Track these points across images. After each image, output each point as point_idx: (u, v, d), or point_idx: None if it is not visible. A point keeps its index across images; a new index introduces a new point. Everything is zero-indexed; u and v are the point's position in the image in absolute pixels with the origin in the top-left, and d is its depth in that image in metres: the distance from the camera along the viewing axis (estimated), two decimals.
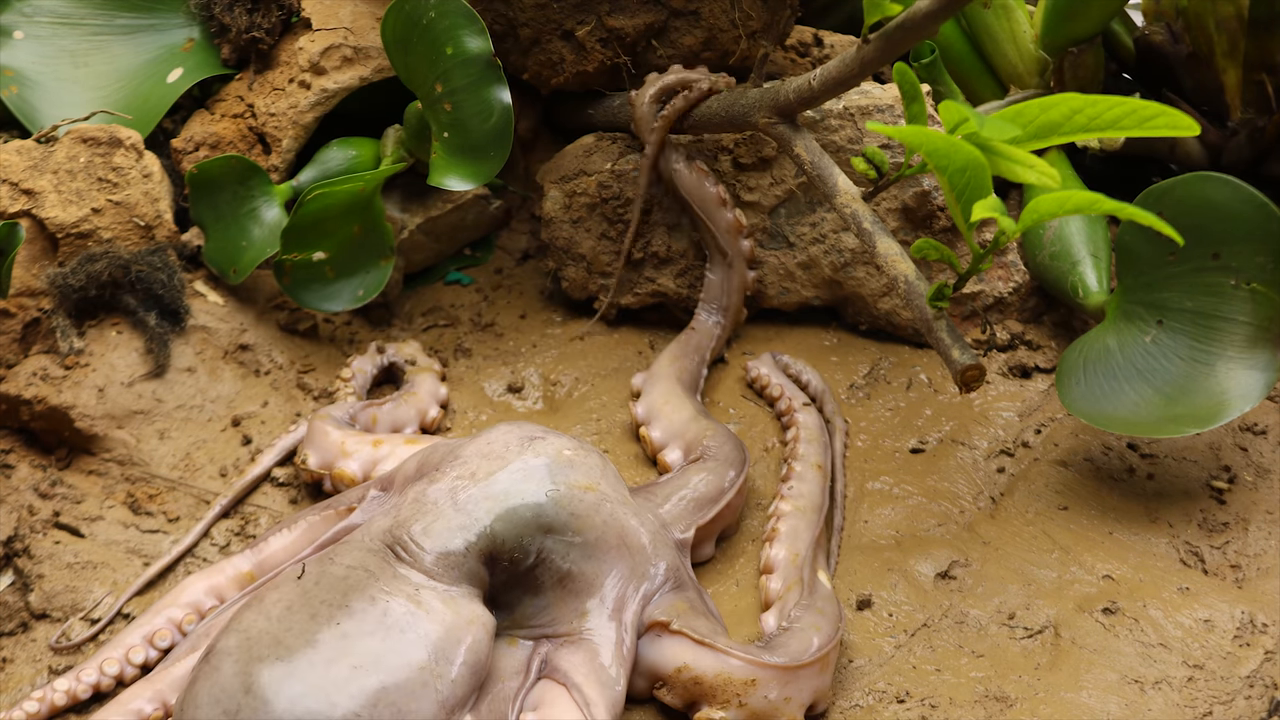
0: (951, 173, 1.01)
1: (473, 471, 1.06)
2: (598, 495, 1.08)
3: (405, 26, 1.30)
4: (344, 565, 1.00)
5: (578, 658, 1.03)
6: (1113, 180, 1.52)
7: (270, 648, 0.94)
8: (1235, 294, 1.20)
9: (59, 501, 1.23)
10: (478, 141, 1.30)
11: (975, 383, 1.05)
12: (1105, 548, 1.20)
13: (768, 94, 1.24)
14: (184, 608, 1.11)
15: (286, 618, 0.96)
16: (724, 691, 1.03)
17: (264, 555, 1.15)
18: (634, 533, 1.09)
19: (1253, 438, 1.28)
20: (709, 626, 1.07)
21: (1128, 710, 1.05)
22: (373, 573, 1.00)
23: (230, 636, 0.97)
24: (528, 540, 1.04)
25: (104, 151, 1.32)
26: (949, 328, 1.07)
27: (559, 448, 1.09)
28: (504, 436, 1.10)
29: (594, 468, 1.10)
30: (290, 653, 0.94)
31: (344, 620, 0.96)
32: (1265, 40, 1.40)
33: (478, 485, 1.05)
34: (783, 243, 1.41)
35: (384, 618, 0.96)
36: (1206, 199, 1.19)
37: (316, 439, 1.24)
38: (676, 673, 1.04)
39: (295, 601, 0.98)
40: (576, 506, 1.06)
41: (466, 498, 1.04)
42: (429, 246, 1.50)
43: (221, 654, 0.95)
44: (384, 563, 1.01)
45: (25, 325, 1.29)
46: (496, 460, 1.07)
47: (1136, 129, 0.98)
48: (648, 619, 1.07)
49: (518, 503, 1.04)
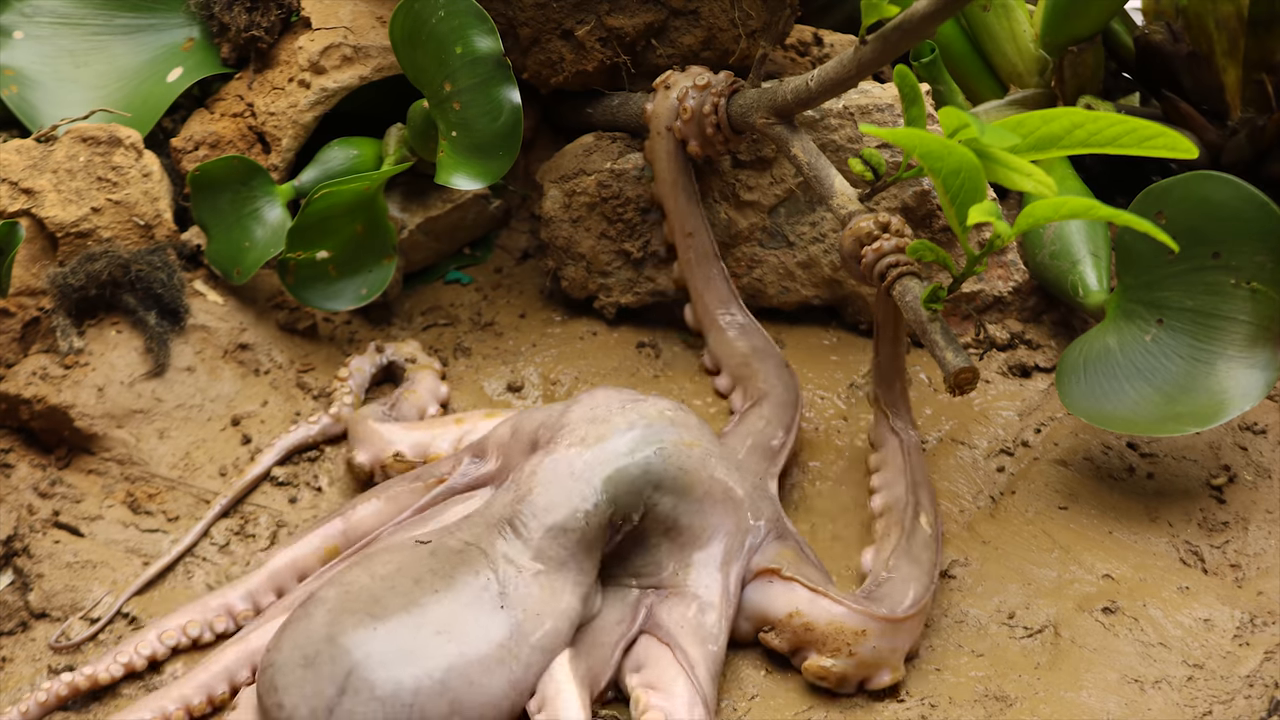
0: (945, 175, 1.01)
1: (582, 437, 1.09)
2: (702, 450, 1.11)
3: (414, 25, 1.30)
4: (460, 539, 1.05)
5: (682, 614, 1.06)
6: (1113, 179, 1.52)
7: (366, 603, 0.99)
8: (1235, 293, 1.20)
9: (59, 501, 1.23)
10: (486, 141, 1.30)
11: (968, 386, 1.06)
12: (1105, 547, 1.20)
13: (765, 94, 1.24)
14: (265, 585, 1.14)
15: (391, 578, 1.01)
16: (835, 640, 1.07)
17: (352, 524, 1.17)
18: (737, 486, 1.12)
19: (1253, 437, 1.28)
20: (819, 575, 1.11)
21: (1128, 710, 1.05)
22: (484, 550, 1.04)
23: (331, 588, 1.01)
24: (641, 497, 1.08)
25: (103, 151, 1.32)
26: (943, 329, 1.07)
27: (660, 409, 1.13)
28: (606, 401, 1.13)
29: (694, 425, 1.14)
30: (383, 610, 0.98)
31: (443, 590, 1.00)
32: (1265, 39, 1.40)
33: (590, 450, 1.08)
34: (782, 242, 1.41)
35: (481, 593, 1.00)
36: (1207, 198, 1.19)
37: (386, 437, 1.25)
38: (788, 618, 1.08)
39: (405, 565, 1.02)
40: (684, 462, 1.09)
41: (583, 465, 1.07)
42: (429, 246, 1.50)
43: (317, 601, 1.00)
44: (498, 538, 1.04)
45: (25, 324, 1.29)
46: (603, 424, 1.10)
47: (1135, 148, 1.00)
48: (755, 567, 1.11)
49: (628, 463, 1.07)
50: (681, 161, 1.34)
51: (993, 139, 1.00)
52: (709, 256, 1.36)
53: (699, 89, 1.29)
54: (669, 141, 1.33)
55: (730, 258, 1.42)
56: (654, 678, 1.02)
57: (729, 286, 1.36)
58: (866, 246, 1.12)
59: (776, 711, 1.07)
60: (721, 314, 1.35)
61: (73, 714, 1.07)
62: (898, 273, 1.10)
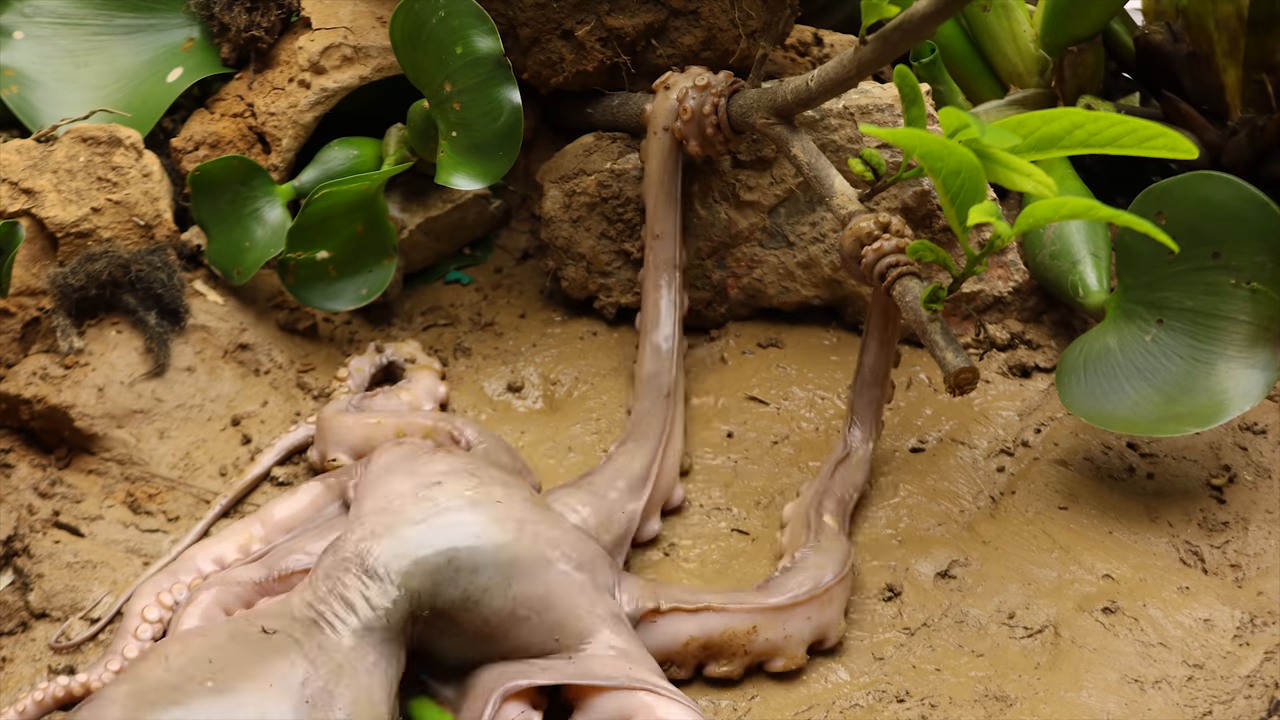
0: (945, 175, 1.01)
1: (372, 530, 1.03)
2: (516, 521, 1.05)
3: (414, 25, 1.30)
4: (262, 626, 0.98)
5: (618, 662, 1.01)
6: (1113, 179, 1.52)
7: (166, 693, 0.91)
8: (1235, 293, 1.19)
9: (59, 501, 1.23)
10: (486, 141, 1.30)
11: (968, 385, 1.06)
12: (1105, 547, 1.20)
13: (765, 94, 1.24)
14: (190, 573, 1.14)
15: (189, 669, 0.93)
16: (731, 645, 1.07)
17: (271, 522, 1.16)
18: (570, 544, 1.07)
19: (1253, 437, 1.28)
20: (686, 592, 1.09)
21: (1128, 710, 1.05)
22: (298, 640, 0.97)
23: (122, 684, 0.93)
24: (457, 584, 1.01)
25: (104, 151, 1.32)
26: (943, 329, 1.07)
27: (458, 490, 1.06)
28: (400, 485, 1.07)
29: (499, 497, 1.07)
30: (189, 700, 0.90)
31: (256, 678, 0.93)
32: (1265, 39, 1.40)
33: (381, 545, 1.01)
34: (782, 242, 1.41)
35: (301, 689, 0.93)
36: (1207, 198, 1.19)
37: (339, 435, 1.24)
38: (684, 647, 1.07)
39: (203, 654, 0.94)
40: (497, 538, 1.03)
41: (374, 561, 1.00)
42: (429, 246, 1.50)
43: (107, 699, 0.91)
44: (309, 632, 0.98)
45: (25, 324, 1.29)
46: (395, 515, 1.04)
47: (1136, 148, 0.99)
48: (635, 614, 1.08)
49: (428, 552, 1.01)
50: (672, 164, 1.34)
51: (993, 139, 1.00)
52: (669, 264, 1.33)
53: (699, 89, 1.29)
54: (664, 142, 1.33)
55: (730, 258, 1.42)
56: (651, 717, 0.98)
57: (670, 301, 1.32)
58: (866, 246, 1.12)
59: (776, 711, 1.07)
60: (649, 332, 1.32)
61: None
62: (898, 273, 1.10)
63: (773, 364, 1.40)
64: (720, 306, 1.45)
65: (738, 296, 1.44)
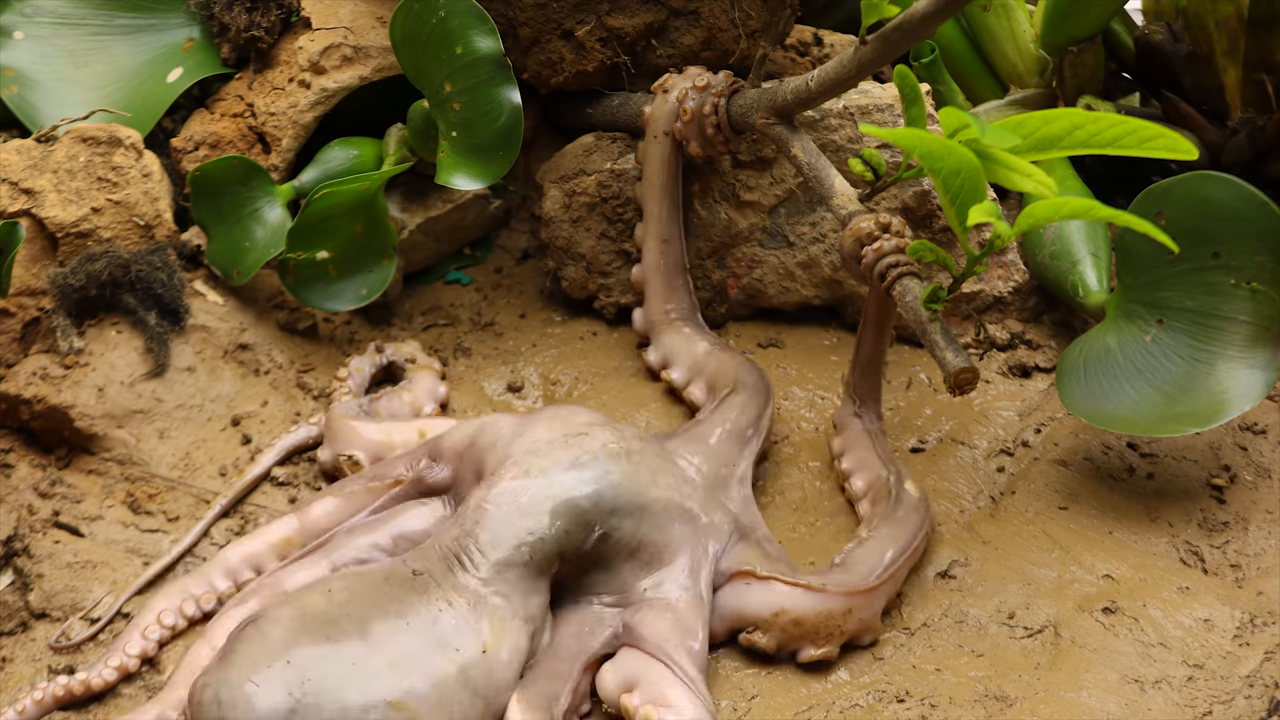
0: (945, 175, 1.01)
1: (526, 469, 1.09)
2: (649, 472, 1.12)
3: (414, 25, 1.30)
4: (411, 568, 1.05)
5: (663, 625, 1.06)
6: (1113, 178, 1.52)
7: (322, 626, 0.98)
8: (1236, 293, 1.19)
9: (59, 501, 1.23)
10: (486, 141, 1.30)
11: (968, 385, 1.06)
12: (1105, 547, 1.20)
13: (765, 94, 1.24)
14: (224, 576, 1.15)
15: (347, 604, 1.00)
16: (826, 627, 1.09)
17: (308, 521, 1.17)
18: (692, 496, 1.13)
19: (1253, 437, 1.28)
20: (787, 569, 1.11)
21: (1128, 710, 1.05)
22: (436, 580, 1.04)
23: (286, 607, 1.00)
24: (592, 525, 1.08)
25: (104, 151, 1.32)
26: (943, 329, 1.07)
27: (603, 440, 1.12)
28: (548, 432, 1.13)
29: (637, 449, 1.13)
30: (340, 634, 0.98)
31: (395, 619, 1.00)
32: (1265, 39, 1.40)
33: (534, 483, 1.08)
34: (782, 242, 1.41)
35: (433, 625, 1.01)
36: (1207, 198, 1.19)
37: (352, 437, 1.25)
38: (774, 617, 1.09)
39: (359, 591, 1.02)
40: (632, 485, 1.10)
41: (528, 499, 1.07)
42: (429, 246, 1.50)
43: (273, 620, 0.99)
44: (448, 571, 1.05)
45: (25, 325, 1.29)
46: (545, 457, 1.10)
47: (1136, 149, 1.00)
48: (727, 570, 1.11)
49: (576, 493, 1.08)
50: (673, 168, 1.34)
51: (993, 139, 1.00)
52: (679, 268, 1.38)
53: (699, 90, 1.29)
54: (664, 146, 1.33)
55: (730, 258, 1.42)
56: (655, 694, 1.01)
57: (692, 299, 1.39)
58: (867, 247, 1.12)
59: (776, 711, 1.07)
60: (682, 320, 1.37)
61: (73, 714, 1.07)
62: (898, 273, 1.11)
63: (773, 364, 1.40)
64: (720, 306, 1.45)
65: (738, 296, 1.44)
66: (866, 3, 1.08)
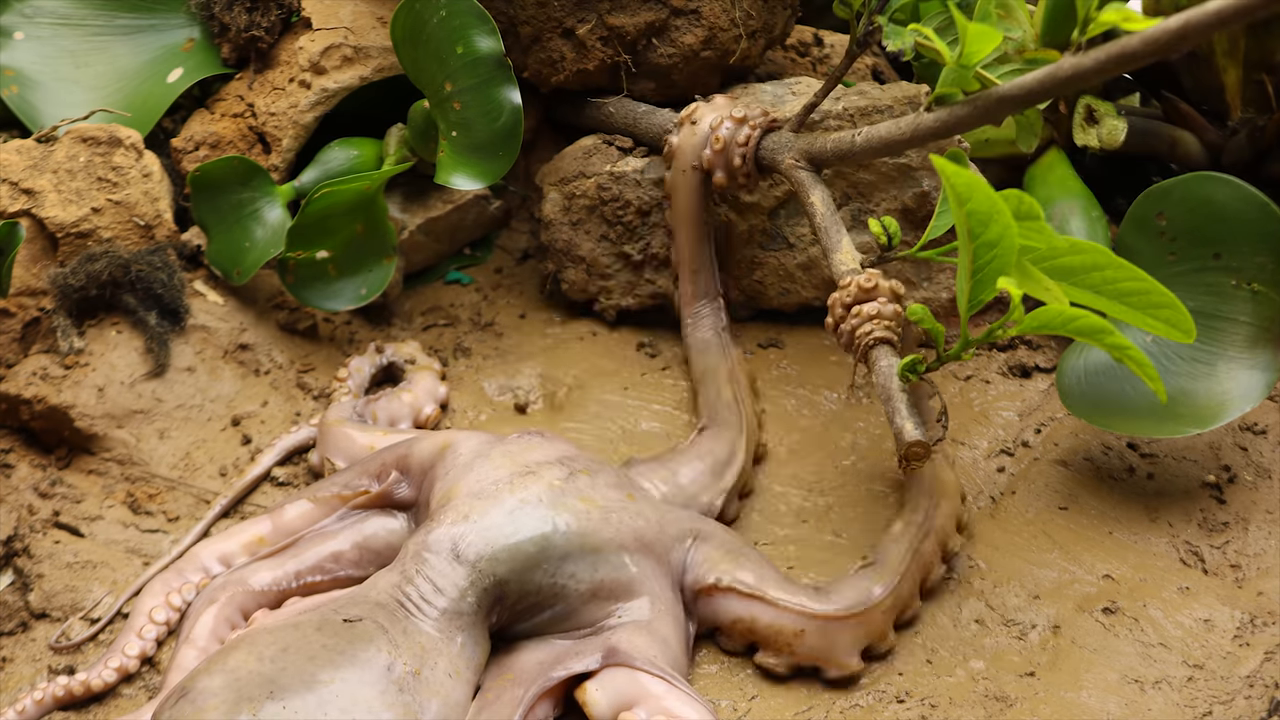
0: (979, 244, 0.96)
1: (465, 514, 1.06)
2: (600, 512, 1.09)
3: (415, 25, 1.30)
4: (343, 617, 1.00)
5: (645, 641, 1.05)
6: (1113, 180, 1.52)
7: (261, 688, 0.93)
8: (1236, 294, 1.20)
9: (59, 501, 1.23)
10: (486, 141, 1.30)
11: (917, 461, 1.04)
12: (1105, 548, 1.20)
13: (804, 139, 1.24)
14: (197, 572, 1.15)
15: (280, 659, 0.95)
16: (776, 640, 1.09)
17: (280, 522, 1.17)
18: (647, 526, 1.11)
19: (1253, 437, 1.28)
20: (754, 572, 1.10)
21: (1128, 710, 1.05)
22: (383, 627, 0.99)
23: (216, 675, 0.94)
24: (544, 571, 1.05)
25: (104, 151, 1.32)
26: (909, 402, 1.05)
27: (550, 480, 1.09)
28: (495, 470, 1.10)
29: (586, 487, 1.10)
30: (284, 692, 0.93)
31: (348, 668, 0.95)
32: (1265, 39, 1.40)
33: (471, 528, 1.05)
34: (782, 244, 1.41)
35: (387, 673, 0.96)
36: (1207, 199, 1.19)
37: (340, 444, 1.24)
38: (732, 625, 1.10)
39: (292, 644, 0.97)
40: (580, 528, 1.07)
41: (466, 546, 1.04)
42: (429, 246, 1.50)
43: (206, 694, 0.93)
44: (394, 617, 1.01)
45: (25, 325, 1.29)
46: (486, 499, 1.07)
47: (1140, 312, 1.00)
48: (695, 585, 1.11)
49: (516, 539, 1.05)
50: (702, 199, 1.34)
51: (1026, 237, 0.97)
52: (710, 293, 1.37)
53: (735, 121, 1.29)
54: (692, 179, 1.32)
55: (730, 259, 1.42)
56: (660, 708, 1.00)
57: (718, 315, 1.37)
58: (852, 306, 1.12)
59: (776, 711, 1.07)
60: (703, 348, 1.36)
61: (73, 714, 1.07)
62: (870, 340, 1.10)
63: (773, 364, 1.40)
64: None
65: (738, 298, 1.44)
66: (949, 72, 1.06)
